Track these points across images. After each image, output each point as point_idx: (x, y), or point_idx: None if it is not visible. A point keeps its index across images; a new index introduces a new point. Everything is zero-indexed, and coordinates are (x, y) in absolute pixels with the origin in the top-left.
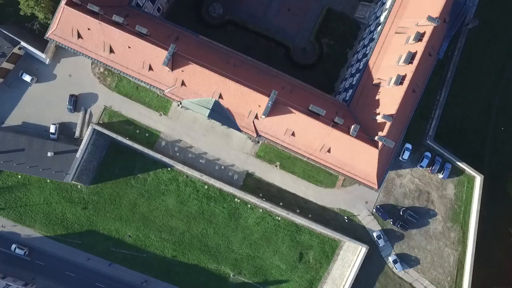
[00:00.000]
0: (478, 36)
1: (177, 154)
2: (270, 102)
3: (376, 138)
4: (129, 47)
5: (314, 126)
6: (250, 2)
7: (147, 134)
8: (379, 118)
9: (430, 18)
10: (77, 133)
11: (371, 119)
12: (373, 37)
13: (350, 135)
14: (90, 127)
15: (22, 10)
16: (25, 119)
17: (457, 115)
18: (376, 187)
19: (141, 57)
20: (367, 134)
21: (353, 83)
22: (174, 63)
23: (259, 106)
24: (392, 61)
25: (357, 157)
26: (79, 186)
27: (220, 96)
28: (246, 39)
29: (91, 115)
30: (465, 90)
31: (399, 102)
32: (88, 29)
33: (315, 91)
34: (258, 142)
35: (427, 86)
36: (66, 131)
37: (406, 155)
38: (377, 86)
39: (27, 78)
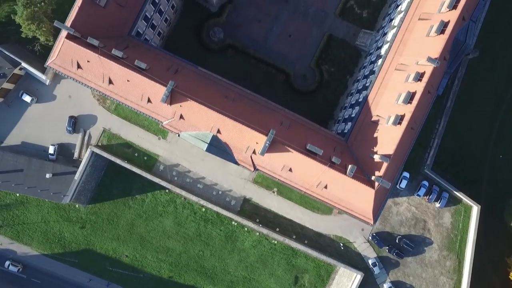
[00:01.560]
0: (478, 65)
1: (175, 178)
2: (268, 142)
3: (372, 178)
4: (128, 81)
5: (312, 164)
6: (251, 27)
7: (145, 158)
8: (377, 158)
9: (430, 60)
10: (76, 155)
11: (368, 157)
12: (374, 69)
13: (347, 175)
14: (89, 150)
15: (23, 33)
16: (24, 139)
17: (456, 142)
18: (372, 222)
19: (140, 90)
20: (364, 172)
21: (352, 115)
22: (172, 97)
23: (257, 143)
24: (391, 99)
25: (353, 195)
26: (77, 206)
27: (218, 131)
28: (246, 64)
29: (90, 136)
30: (464, 118)
31: (397, 143)
32: (88, 61)
33: (314, 125)
34: None
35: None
36: (65, 152)
37: (403, 183)
38: (376, 123)
39: (27, 98)
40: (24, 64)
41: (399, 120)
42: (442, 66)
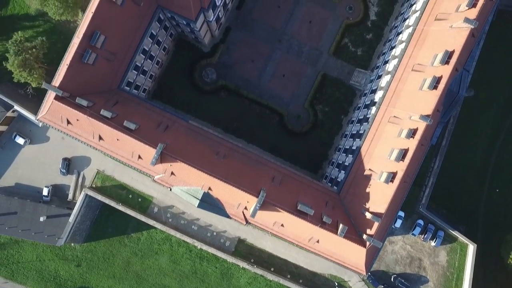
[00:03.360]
0: (473, 101)
1: (170, 220)
2: (258, 205)
3: (364, 237)
4: (117, 139)
5: (303, 223)
6: (244, 67)
7: (139, 199)
8: (368, 216)
9: (422, 117)
10: (70, 196)
11: (360, 212)
12: (367, 116)
13: (338, 235)
14: (83, 192)
15: (15, 78)
16: (18, 180)
17: (452, 177)
18: (364, 273)
19: (130, 148)
20: (356, 228)
21: (346, 163)
22: (163, 157)
23: (248, 202)
24: (384, 153)
25: (345, 250)
26: (72, 244)
27: (209, 188)
28: (240, 105)
29: (84, 178)
30: (460, 152)
31: (389, 202)
32: (77, 120)
33: (306, 178)
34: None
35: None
36: (59, 192)
37: (398, 223)
38: (368, 177)
39: (20, 141)
40: (16, 107)
41: (391, 178)
42: (435, 118)
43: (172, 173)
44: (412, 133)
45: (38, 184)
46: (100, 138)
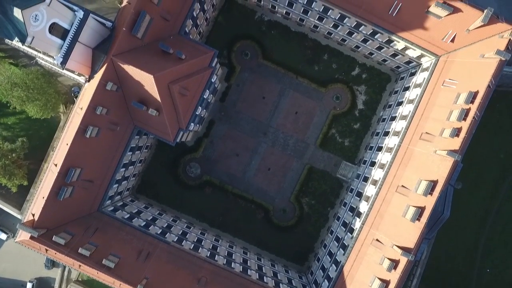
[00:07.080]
0: (462, 186)
1: None
2: None
3: None
4: (97, 273)
5: None
6: (228, 162)
7: None
8: None
9: (404, 254)
10: None
11: None
12: (352, 225)
13: None
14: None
15: None
16: (1, 274)
17: (442, 258)
18: None
19: (111, 280)
20: None
21: (329, 273)
22: None
23: None
24: (366, 279)
25: None
26: None
27: None
28: (225, 200)
29: (70, 271)
30: (449, 234)
31: None
32: (55, 253)
33: None
34: None
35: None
36: (44, 286)
37: None
38: None
39: (2, 236)
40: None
41: None
42: (417, 248)
43: None
44: (393, 266)
45: (22, 277)
46: (81, 265)
